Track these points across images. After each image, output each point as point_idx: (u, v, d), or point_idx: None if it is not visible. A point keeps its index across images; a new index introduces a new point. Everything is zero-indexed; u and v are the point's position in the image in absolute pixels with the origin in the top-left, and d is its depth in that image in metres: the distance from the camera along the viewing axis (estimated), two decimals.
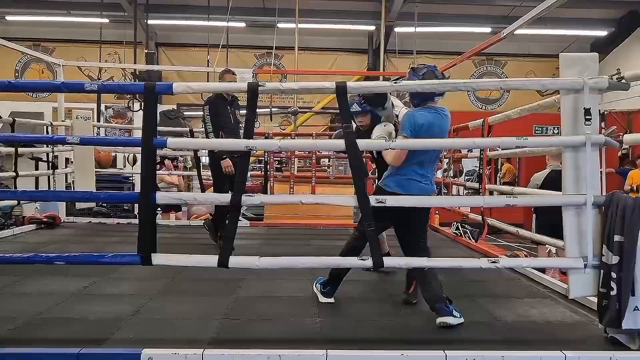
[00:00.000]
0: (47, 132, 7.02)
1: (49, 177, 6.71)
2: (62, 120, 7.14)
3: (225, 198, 2.82)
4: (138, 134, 2.91)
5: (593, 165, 2.74)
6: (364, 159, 2.88)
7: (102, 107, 13.83)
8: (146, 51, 14.07)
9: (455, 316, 3.02)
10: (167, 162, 9.33)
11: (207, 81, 9.82)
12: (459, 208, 6.72)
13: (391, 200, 2.84)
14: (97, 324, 2.98)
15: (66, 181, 7.68)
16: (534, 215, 5.81)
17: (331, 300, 3.44)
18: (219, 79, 5.34)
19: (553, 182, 5.14)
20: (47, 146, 6.71)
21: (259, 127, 11.74)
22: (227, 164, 4.96)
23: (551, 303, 3.54)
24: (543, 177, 5.70)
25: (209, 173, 5.57)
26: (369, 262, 2.76)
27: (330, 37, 14.66)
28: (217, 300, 3.46)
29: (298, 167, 10.45)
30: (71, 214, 7.40)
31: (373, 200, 2.79)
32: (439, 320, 3.00)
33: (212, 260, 2.79)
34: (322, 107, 14.12)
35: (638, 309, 2.59)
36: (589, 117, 2.68)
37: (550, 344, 2.72)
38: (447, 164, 7.65)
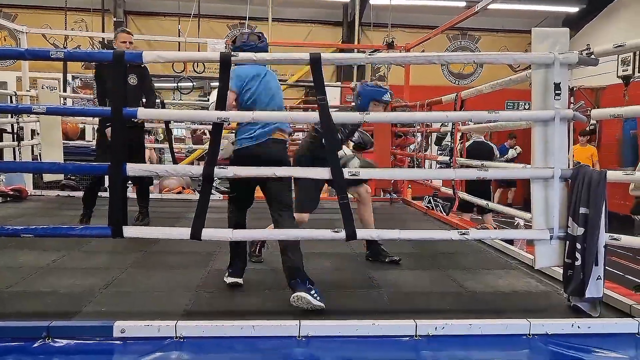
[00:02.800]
0: (11, 102, 6.78)
1: (14, 149, 6.52)
2: (27, 90, 6.91)
3: (198, 170, 2.79)
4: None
5: (561, 139, 2.80)
6: (338, 132, 2.87)
7: (70, 77, 13.42)
8: (114, 19, 13.61)
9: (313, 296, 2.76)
10: None
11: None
12: (430, 182, 6.80)
13: (364, 173, 2.86)
14: (67, 297, 2.95)
15: (32, 153, 7.47)
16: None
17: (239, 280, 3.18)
18: (114, 38, 4.85)
19: (474, 151, 6.22)
20: (12, 117, 6.50)
21: None
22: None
23: (518, 274, 3.65)
24: (467, 146, 6.35)
25: (181, 145, 5.47)
26: (342, 234, 2.78)
27: (305, 8, 14.43)
28: (190, 272, 3.46)
29: None
30: (38, 186, 7.23)
31: (346, 172, 2.80)
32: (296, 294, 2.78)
33: (184, 232, 2.77)
34: (296, 80, 13.98)
35: (600, 278, 2.69)
36: (559, 91, 2.72)
37: (516, 312, 2.81)
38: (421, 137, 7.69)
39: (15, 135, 6.54)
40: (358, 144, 3.74)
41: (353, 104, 3.67)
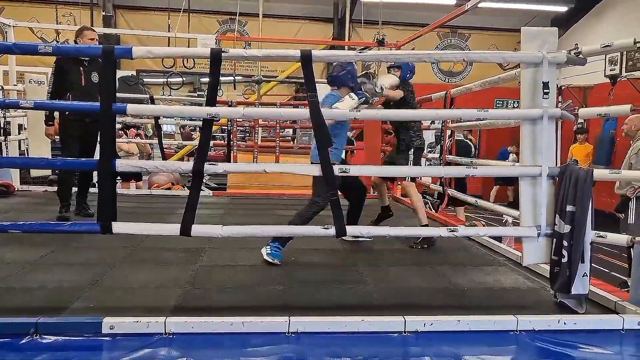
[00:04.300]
0: None
1: (0, 143, 6.46)
2: (14, 85, 6.84)
3: (187, 166, 2.78)
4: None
5: (549, 137, 2.83)
6: (328, 128, 2.88)
7: None
8: (103, 13, 13.51)
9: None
10: (131, 130, 9.11)
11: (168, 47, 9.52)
12: (420, 179, 6.83)
13: (354, 170, 2.87)
14: (55, 293, 2.93)
15: (19, 148, 7.41)
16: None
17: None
18: (77, 37, 4.81)
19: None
20: None
21: (222, 95, 11.51)
22: (49, 131, 4.70)
23: (506, 270, 3.69)
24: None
25: (171, 141, 5.44)
26: (332, 231, 2.79)
27: (296, 5, 14.42)
28: (179, 269, 3.45)
29: (262, 137, 10.37)
30: (26, 182, 7.17)
31: (337, 169, 2.81)
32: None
33: (174, 228, 2.77)
34: (287, 76, 13.96)
35: (586, 275, 2.73)
36: (547, 90, 2.75)
37: (504, 308, 2.83)
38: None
39: (2, 130, 6.48)
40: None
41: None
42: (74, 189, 5.06)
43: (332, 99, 3.83)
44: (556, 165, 2.92)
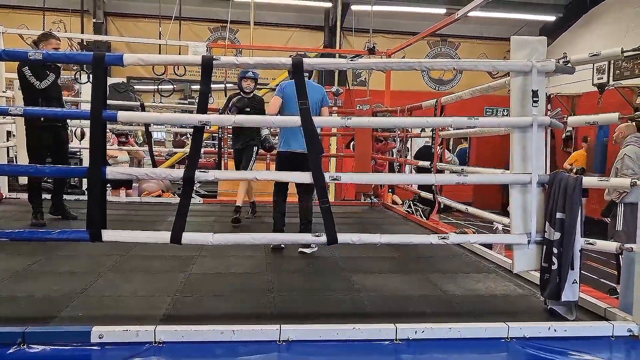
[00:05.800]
0: None
1: None
2: (3, 92, 6.78)
3: (178, 173, 2.77)
4: (86, 107, 2.80)
5: (539, 145, 2.85)
6: (319, 135, 2.88)
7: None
8: (94, 20, 13.46)
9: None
10: (116, 137, 9.06)
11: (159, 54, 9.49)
12: (410, 186, 6.86)
13: (346, 177, 2.87)
14: (43, 302, 2.90)
15: (8, 155, 7.33)
16: None
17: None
18: (40, 41, 4.86)
19: (423, 154, 7.65)
20: None
21: (213, 103, 11.48)
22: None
23: (496, 277, 3.70)
24: (416, 150, 8.14)
25: (161, 148, 5.42)
26: (323, 238, 2.79)
27: (287, 13, 14.45)
28: (170, 277, 3.42)
29: None
30: (14, 189, 7.09)
31: (328, 176, 2.81)
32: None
33: (164, 236, 2.75)
34: (277, 83, 13.98)
35: (576, 282, 2.74)
36: (536, 99, 2.77)
37: (494, 316, 2.84)
38: (400, 143, 7.75)
39: None
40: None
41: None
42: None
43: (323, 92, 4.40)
44: (545, 172, 2.94)
